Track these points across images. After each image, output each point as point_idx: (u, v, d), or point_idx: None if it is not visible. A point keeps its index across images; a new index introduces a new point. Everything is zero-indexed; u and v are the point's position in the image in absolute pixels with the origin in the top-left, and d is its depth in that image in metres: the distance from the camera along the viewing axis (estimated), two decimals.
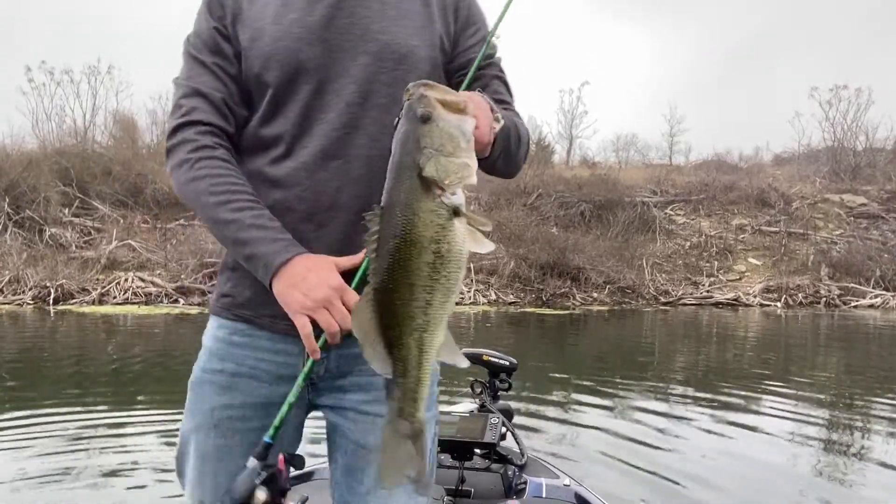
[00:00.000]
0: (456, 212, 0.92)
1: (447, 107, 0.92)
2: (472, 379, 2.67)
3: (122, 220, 16.38)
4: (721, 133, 59.88)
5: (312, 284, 1.10)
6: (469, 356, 2.57)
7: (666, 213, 20.73)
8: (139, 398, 6.09)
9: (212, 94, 1.24)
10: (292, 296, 1.11)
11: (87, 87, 23.49)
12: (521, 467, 2.36)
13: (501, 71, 1.37)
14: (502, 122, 1.12)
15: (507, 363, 2.61)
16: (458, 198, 0.92)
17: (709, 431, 5.25)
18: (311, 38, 1.21)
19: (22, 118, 30.34)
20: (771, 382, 7.38)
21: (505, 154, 1.19)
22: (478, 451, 2.30)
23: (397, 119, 0.97)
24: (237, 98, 1.26)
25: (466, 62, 1.31)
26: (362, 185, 1.19)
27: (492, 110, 1.09)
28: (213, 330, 1.31)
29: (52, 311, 12.51)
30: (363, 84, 1.21)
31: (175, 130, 1.24)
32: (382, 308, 0.94)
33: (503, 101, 1.32)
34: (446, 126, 0.91)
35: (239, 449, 1.23)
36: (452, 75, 1.32)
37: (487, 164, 1.16)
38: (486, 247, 0.95)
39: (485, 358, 2.60)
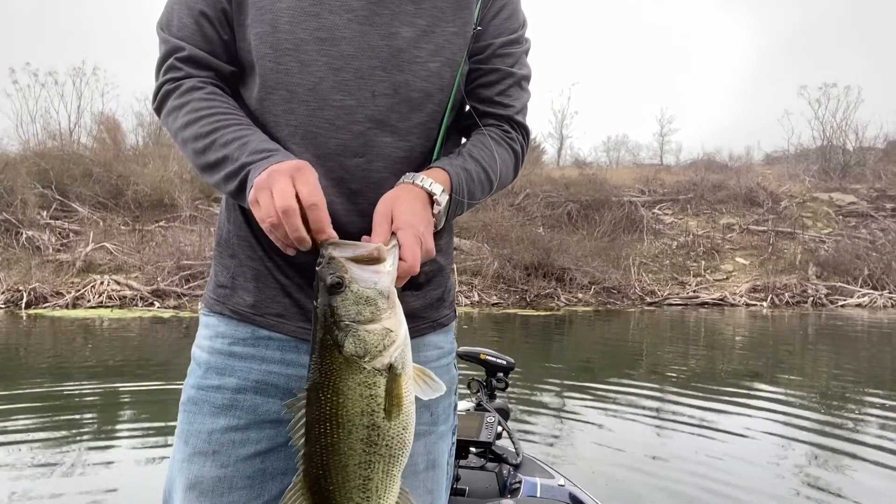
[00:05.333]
0: (391, 367, 0.87)
1: (360, 261, 0.87)
2: (469, 377, 2.68)
3: (101, 223, 16.17)
4: (720, 133, 59.95)
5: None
6: (467, 355, 2.57)
7: (654, 213, 20.60)
8: (117, 404, 5.94)
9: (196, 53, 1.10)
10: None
11: (71, 88, 23.39)
12: (516, 466, 2.35)
13: (522, 64, 1.20)
14: (442, 204, 1.03)
15: (505, 362, 2.63)
16: (388, 356, 0.87)
17: (700, 431, 5.30)
18: (333, 3, 1.05)
19: (7, 120, 30.15)
20: (759, 382, 7.41)
21: (470, 206, 1.10)
22: (473, 449, 2.31)
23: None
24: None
25: (485, 48, 1.15)
26: (384, 189, 1.04)
27: (430, 196, 1.01)
28: (208, 340, 1.13)
29: (24, 315, 12.30)
30: (393, 72, 1.06)
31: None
32: (315, 495, 0.90)
33: (499, 125, 1.19)
34: (360, 289, 0.86)
35: (240, 481, 1.08)
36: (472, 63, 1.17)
37: (450, 221, 1.10)
38: (437, 389, 0.91)
39: (482, 357, 2.61)
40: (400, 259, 0.91)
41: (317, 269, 0.87)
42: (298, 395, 0.89)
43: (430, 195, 1.02)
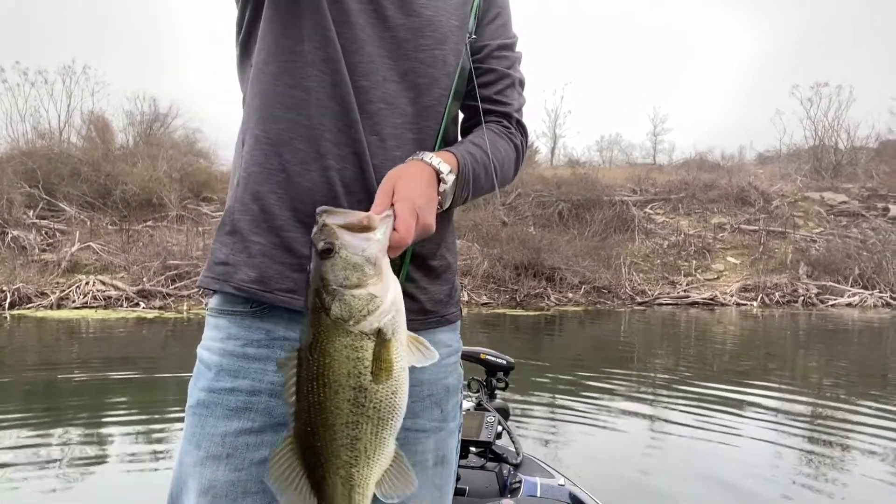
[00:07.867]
0: (381, 332, 0.90)
1: (351, 229, 0.90)
2: (469, 377, 2.66)
3: (88, 222, 16.05)
4: (716, 133, 59.95)
5: None
6: (467, 354, 2.48)
7: (645, 213, 20.56)
8: (106, 403, 5.87)
9: None
10: None
11: (61, 87, 23.21)
12: (517, 466, 2.35)
13: (517, 68, 1.26)
14: (448, 183, 1.05)
15: (504, 362, 2.64)
16: (374, 320, 0.90)
17: (696, 430, 5.34)
18: None
19: None
20: (752, 380, 7.46)
21: (475, 192, 1.14)
22: (473, 449, 2.31)
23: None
24: None
25: (482, 48, 1.21)
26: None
27: (437, 174, 1.04)
28: (219, 342, 1.10)
29: (7, 315, 12.19)
30: (400, 60, 1.11)
31: None
32: (305, 451, 0.93)
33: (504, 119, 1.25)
34: (349, 255, 0.89)
35: (253, 486, 1.06)
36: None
37: (456, 206, 1.13)
38: (430, 357, 0.94)
39: (482, 356, 2.61)
40: (394, 230, 0.93)
41: (311, 235, 0.90)
42: (290, 354, 0.92)
43: (438, 173, 1.04)
